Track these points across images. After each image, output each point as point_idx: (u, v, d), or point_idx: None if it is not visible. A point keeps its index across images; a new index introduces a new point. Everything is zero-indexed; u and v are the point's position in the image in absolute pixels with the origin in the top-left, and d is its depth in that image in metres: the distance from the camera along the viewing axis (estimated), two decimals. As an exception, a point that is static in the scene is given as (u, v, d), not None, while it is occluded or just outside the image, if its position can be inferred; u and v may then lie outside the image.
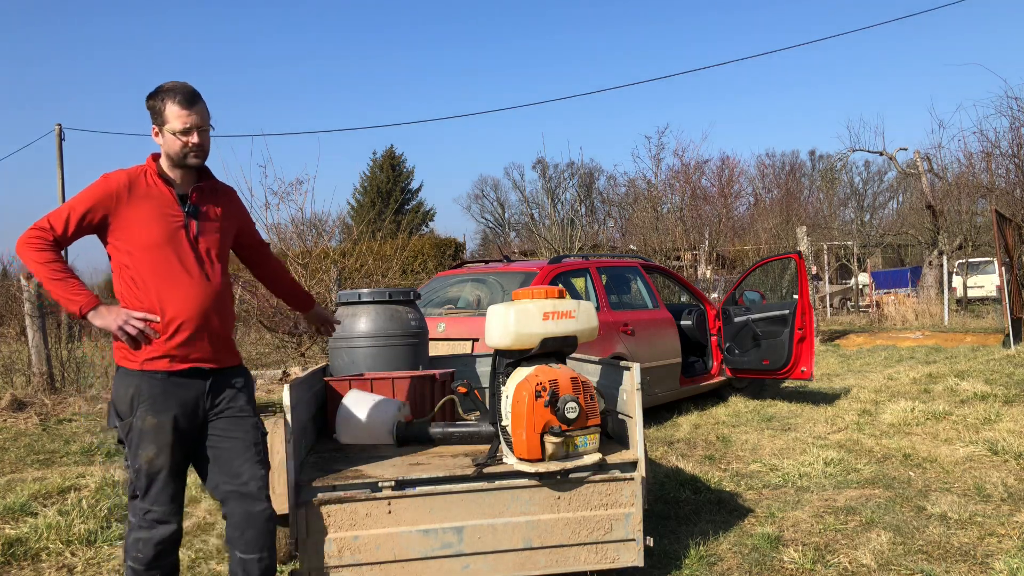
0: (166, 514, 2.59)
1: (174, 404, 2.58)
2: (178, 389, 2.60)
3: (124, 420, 2.58)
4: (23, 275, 9.68)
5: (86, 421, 8.10)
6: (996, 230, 12.01)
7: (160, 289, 2.57)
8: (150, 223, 2.58)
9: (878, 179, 40.62)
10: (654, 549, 3.44)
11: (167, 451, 2.57)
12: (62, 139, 22.94)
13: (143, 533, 2.58)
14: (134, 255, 2.58)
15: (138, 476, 2.57)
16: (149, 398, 2.56)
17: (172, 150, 2.63)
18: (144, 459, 2.55)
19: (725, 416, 7.16)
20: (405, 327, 4.35)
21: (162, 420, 2.56)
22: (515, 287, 5.94)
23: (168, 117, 2.60)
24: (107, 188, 2.56)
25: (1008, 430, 5.73)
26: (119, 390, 2.60)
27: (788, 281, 16.05)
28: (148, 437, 2.55)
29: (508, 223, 48.47)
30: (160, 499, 2.57)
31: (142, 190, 2.61)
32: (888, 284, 27.54)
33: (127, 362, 2.60)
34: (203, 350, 2.64)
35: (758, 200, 28.57)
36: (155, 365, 2.57)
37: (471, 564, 2.97)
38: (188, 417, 2.61)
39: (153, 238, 2.58)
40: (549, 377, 3.02)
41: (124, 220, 2.57)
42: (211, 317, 2.65)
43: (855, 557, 3.51)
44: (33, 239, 2.49)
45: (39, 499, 4.73)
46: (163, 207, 2.62)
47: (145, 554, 2.57)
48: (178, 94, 2.61)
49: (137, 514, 2.59)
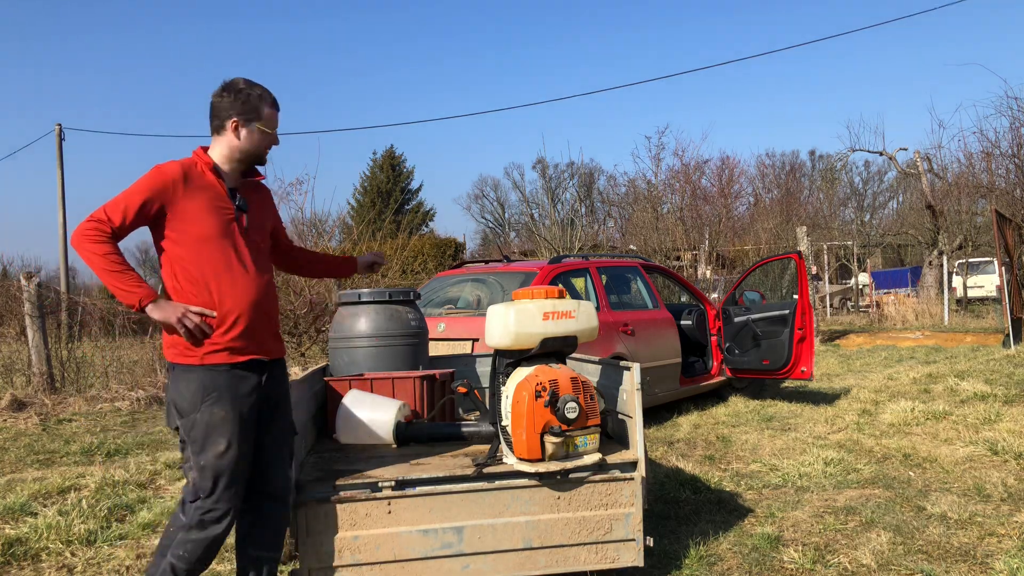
0: (229, 511, 2.57)
1: (239, 395, 2.58)
2: (240, 381, 2.60)
3: (187, 417, 2.55)
4: (23, 275, 9.68)
5: (86, 421, 8.10)
6: (996, 230, 12.01)
7: (217, 282, 2.57)
8: (205, 215, 2.58)
9: (878, 179, 40.66)
10: (654, 549, 3.44)
11: (236, 443, 2.56)
12: (62, 139, 22.94)
13: (195, 534, 2.54)
14: (190, 247, 2.57)
15: (203, 474, 2.53)
16: (215, 391, 2.55)
17: (253, 145, 2.69)
18: (214, 454, 2.53)
19: (725, 416, 7.15)
20: (405, 327, 4.35)
21: (229, 412, 2.55)
22: (515, 287, 5.94)
23: (267, 117, 2.69)
24: (163, 179, 2.54)
25: (1008, 430, 5.73)
26: (179, 387, 2.57)
27: (788, 281, 16.06)
28: (217, 430, 2.53)
29: (508, 223, 48.48)
30: (226, 495, 2.55)
31: (196, 182, 2.60)
32: (888, 284, 27.55)
33: (186, 358, 2.57)
34: (259, 342, 2.66)
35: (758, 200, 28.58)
36: (217, 358, 2.56)
37: (471, 564, 2.97)
38: (251, 408, 2.63)
39: (208, 230, 2.57)
40: (549, 377, 3.02)
41: (180, 212, 2.56)
42: (265, 309, 2.68)
43: (855, 557, 3.51)
44: (90, 231, 2.45)
45: (39, 499, 4.73)
46: (216, 200, 2.61)
47: (193, 554, 2.54)
48: (270, 96, 2.71)
49: (193, 514, 2.54)
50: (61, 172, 22.93)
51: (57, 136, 22.88)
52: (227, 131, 2.66)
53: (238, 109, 2.65)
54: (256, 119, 2.67)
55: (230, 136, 2.67)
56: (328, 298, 11.29)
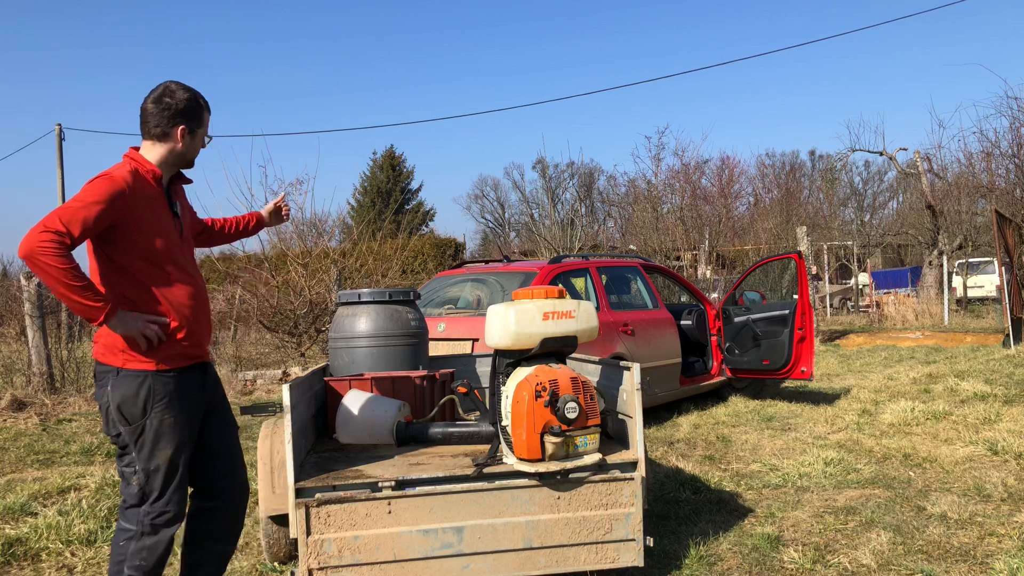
0: (179, 513, 2.63)
1: (186, 400, 2.63)
2: (187, 386, 2.64)
3: (133, 424, 2.54)
4: (23, 275, 9.69)
5: (86, 421, 8.10)
6: (996, 230, 12.01)
7: (167, 290, 2.60)
8: (153, 226, 2.57)
9: (878, 179, 40.66)
10: (654, 549, 3.44)
11: (186, 447, 2.62)
12: (62, 139, 22.94)
13: (149, 540, 2.55)
14: (140, 257, 2.55)
15: (151, 478, 2.56)
16: (165, 397, 2.56)
17: (192, 150, 2.72)
18: (163, 458, 2.56)
19: (725, 416, 7.15)
20: (405, 327, 4.35)
21: (180, 417, 2.59)
22: (515, 287, 5.94)
23: (206, 121, 2.75)
24: (117, 188, 2.46)
25: (1008, 430, 5.73)
26: (126, 392, 2.52)
27: (788, 281, 16.05)
28: (167, 436, 2.56)
29: (508, 223, 48.49)
30: (175, 497, 2.60)
31: (142, 191, 2.55)
32: (888, 284, 27.54)
33: (136, 363, 2.54)
34: (202, 345, 2.74)
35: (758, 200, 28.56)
36: (170, 364, 2.59)
37: (471, 564, 2.97)
38: (198, 410, 2.70)
39: (158, 241, 2.58)
40: (549, 377, 3.02)
41: (134, 221, 2.50)
42: (205, 312, 2.76)
43: (855, 557, 3.51)
44: (48, 243, 2.31)
45: (39, 499, 4.73)
46: (161, 209, 2.63)
47: (149, 561, 2.56)
48: (206, 100, 2.76)
49: (142, 520, 2.55)
50: (61, 172, 22.94)
51: (57, 136, 22.88)
52: (173, 137, 2.64)
53: (183, 117, 2.64)
54: (199, 126, 2.71)
55: (175, 142, 2.65)
56: (328, 298, 11.29)
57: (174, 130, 2.63)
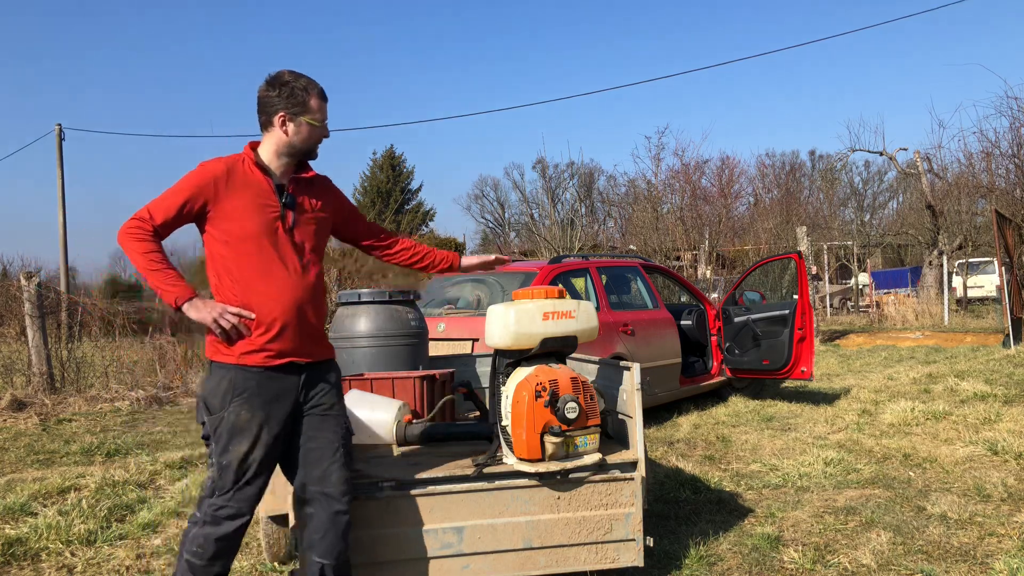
0: (241, 510, 2.53)
1: (269, 399, 2.54)
2: (273, 384, 2.55)
3: (214, 415, 2.52)
4: (23, 275, 9.69)
5: (86, 421, 8.10)
6: (996, 230, 12.02)
7: (256, 282, 2.53)
8: (247, 213, 2.53)
9: (878, 179, 40.59)
10: (654, 549, 3.44)
11: (261, 447, 2.52)
12: (62, 139, 22.95)
13: (208, 528, 2.51)
14: (230, 245, 2.53)
15: (223, 472, 2.50)
16: (244, 392, 2.51)
17: (302, 140, 2.62)
18: (236, 454, 2.49)
19: (725, 416, 7.15)
20: (405, 327, 4.35)
21: (256, 415, 2.51)
22: (515, 287, 5.94)
23: (314, 107, 2.61)
24: (205, 176, 2.51)
25: (1008, 430, 5.73)
26: (211, 384, 2.54)
27: (788, 281, 16.04)
28: (241, 432, 2.50)
29: (508, 223, 48.44)
30: (242, 495, 2.51)
31: (240, 178, 2.55)
32: (888, 284, 27.55)
33: (221, 355, 2.54)
34: (298, 345, 2.59)
35: (758, 200, 28.59)
36: (251, 359, 2.52)
37: (471, 564, 2.97)
38: (282, 412, 2.56)
39: (250, 229, 2.53)
40: (549, 377, 3.02)
41: (222, 209, 2.52)
42: (306, 311, 2.60)
43: (855, 557, 3.51)
44: (133, 229, 2.45)
45: (39, 499, 4.72)
46: (260, 197, 2.56)
47: (206, 550, 2.51)
48: (317, 87, 2.63)
49: (207, 510, 2.52)
50: (61, 172, 22.95)
51: (57, 136, 22.89)
52: (275, 126, 2.60)
53: (284, 103, 2.58)
54: (303, 112, 2.60)
55: (278, 131, 2.61)
56: (328, 298, 11.29)
57: (275, 118, 2.60)
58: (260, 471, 2.54)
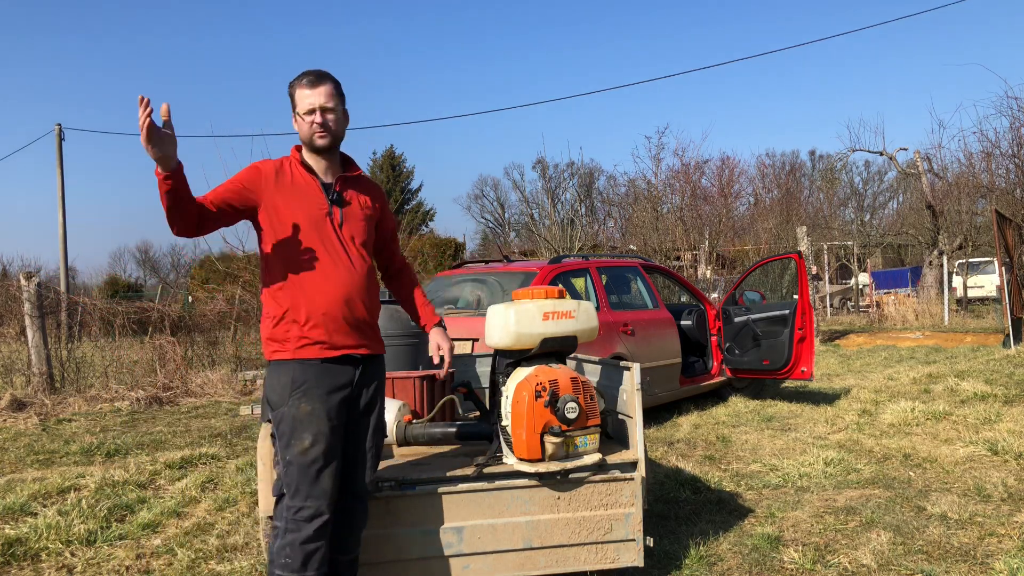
0: (319, 509, 2.48)
1: (328, 391, 2.54)
2: (331, 376, 2.56)
3: (277, 410, 2.53)
4: (23, 275, 9.68)
5: (86, 421, 8.10)
6: (996, 230, 12.01)
7: (307, 277, 2.56)
8: (295, 210, 2.59)
9: (878, 179, 40.63)
10: (654, 549, 3.44)
11: (323, 440, 2.49)
12: (62, 139, 22.95)
13: (291, 536, 2.47)
14: (280, 242, 2.58)
15: (289, 470, 2.49)
16: (303, 384, 2.52)
17: (303, 133, 2.65)
18: (298, 449, 2.47)
19: (725, 416, 7.15)
20: (405, 327, 4.35)
21: (316, 407, 2.50)
22: (515, 287, 5.94)
23: (297, 100, 2.63)
24: (254, 173, 2.61)
25: (1008, 430, 5.73)
26: (272, 380, 2.57)
27: (788, 281, 16.04)
28: (303, 425, 2.49)
29: (508, 223, 48.45)
30: (314, 492, 2.48)
31: (288, 177, 2.63)
32: (888, 284, 27.55)
33: (279, 353, 2.57)
34: (352, 337, 2.61)
35: (758, 200, 28.59)
36: (307, 352, 2.54)
37: (471, 564, 2.97)
38: (342, 404, 2.57)
39: (300, 225, 2.58)
40: (549, 377, 3.02)
41: (271, 207, 2.59)
42: (356, 304, 2.62)
43: (855, 557, 3.51)
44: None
45: (39, 499, 4.72)
46: (308, 195, 2.62)
47: (295, 560, 2.47)
48: (306, 76, 2.63)
49: (284, 516, 2.49)
50: (61, 172, 22.94)
51: (57, 136, 22.88)
52: (296, 127, 2.68)
53: (291, 104, 2.67)
54: (293, 107, 2.66)
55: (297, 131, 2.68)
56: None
57: (293, 121, 2.69)
58: (325, 466, 2.50)
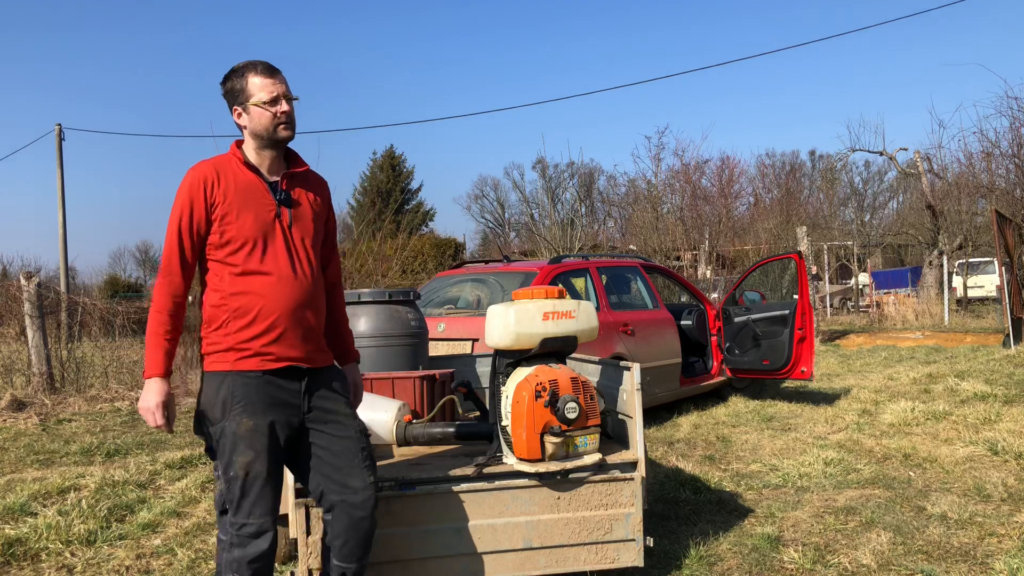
0: (263, 526, 2.39)
1: (270, 405, 2.41)
2: (273, 389, 2.42)
3: (216, 425, 2.41)
4: (23, 275, 9.68)
5: (86, 421, 8.10)
6: (996, 230, 12.02)
7: (252, 283, 2.41)
8: (242, 213, 2.42)
9: (878, 179, 40.58)
10: (654, 549, 3.44)
11: (265, 455, 2.38)
12: (62, 139, 22.96)
13: (238, 552, 2.39)
14: (227, 247, 2.42)
15: (231, 486, 2.38)
16: (243, 399, 2.38)
17: (260, 125, 2.46)
18: (240, 465, 2.36)
19: (725, 416, 7.15)
20: (405, 327, 4.35)
21: (259, 422, 2.38)
22: (515, 287, 5.94)
23: (252, 90, 2.44)
24: (195, 181, 2.41)
25: (1008, 430, 5.73)
26: (209, 393, 2.42)
27: (788, 281, 16.03)
28: (244, 441, 2.37)
29: (508, 223, 48.43)
30: (256, 510, 2.38)
31: (230, 178, 2.44)
32: (888, 284, 27.54)
33: (218, 364, 2.42)
34: (298, 348, 2.46)
35: (758, 200, 28.58)
36: (248, 364, 2.40)
37: (471, 564, 2.97)
38: (285, 419, 2.44)
39: (247, 230, 2.41)
40: (549, 377, 3.02)
41: (217, 212, 2.41)
42: (305, 313, 2.47)
43: (855, 557, 3.51)
44: (161, 287, 2.41)
45: (39, 499, 4.72)
46: (254, 197, 2.45)
47: (243, 574, 2.41)
48: (258, 65, 2.47)
49: (229, 530, 2.42)
50: (61, 172, 22.95)
51: (57, 136, 22.89)
52: (239, 122, 2.50)
53: (232, 99, 2.49)
54: (247, 98, 2.45)
55: (241, 125, 2.50)
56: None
57: (233, 114, 2.50)
58: (267, 483, 2.40)
